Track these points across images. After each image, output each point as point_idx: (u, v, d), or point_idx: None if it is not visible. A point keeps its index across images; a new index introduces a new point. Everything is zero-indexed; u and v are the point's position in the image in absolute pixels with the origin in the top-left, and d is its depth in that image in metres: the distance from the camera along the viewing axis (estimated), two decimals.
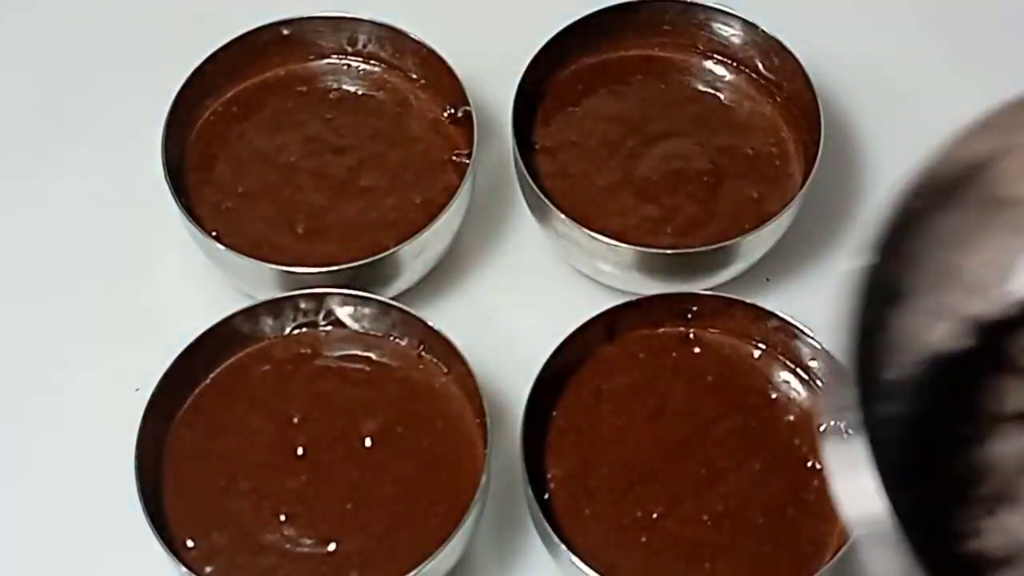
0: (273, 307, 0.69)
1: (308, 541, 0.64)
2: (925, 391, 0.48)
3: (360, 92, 0.77)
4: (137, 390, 0.68)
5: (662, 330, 0.70)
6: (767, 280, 0.76)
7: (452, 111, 0.76)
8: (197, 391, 0.68)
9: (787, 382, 0.69)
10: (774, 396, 0.69)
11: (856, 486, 0.43)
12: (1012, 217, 0.49)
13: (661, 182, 0.74)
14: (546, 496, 0.65)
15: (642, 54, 0.79)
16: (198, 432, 0.67)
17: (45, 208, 0.79)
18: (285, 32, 0.77)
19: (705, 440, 0.67)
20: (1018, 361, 0.49)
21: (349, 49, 0.78)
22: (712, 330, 0.70)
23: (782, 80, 0.77)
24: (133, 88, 0.82)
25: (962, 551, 0.46)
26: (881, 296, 0.46)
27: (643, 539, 0.64)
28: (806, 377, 0.69)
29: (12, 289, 0.77)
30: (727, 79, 0.78)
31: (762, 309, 0.69)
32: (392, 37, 0.77)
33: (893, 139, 0.80)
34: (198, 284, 0.76)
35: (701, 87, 0.78)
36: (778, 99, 0.77)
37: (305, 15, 0.77)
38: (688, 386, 0.68)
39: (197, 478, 0.66)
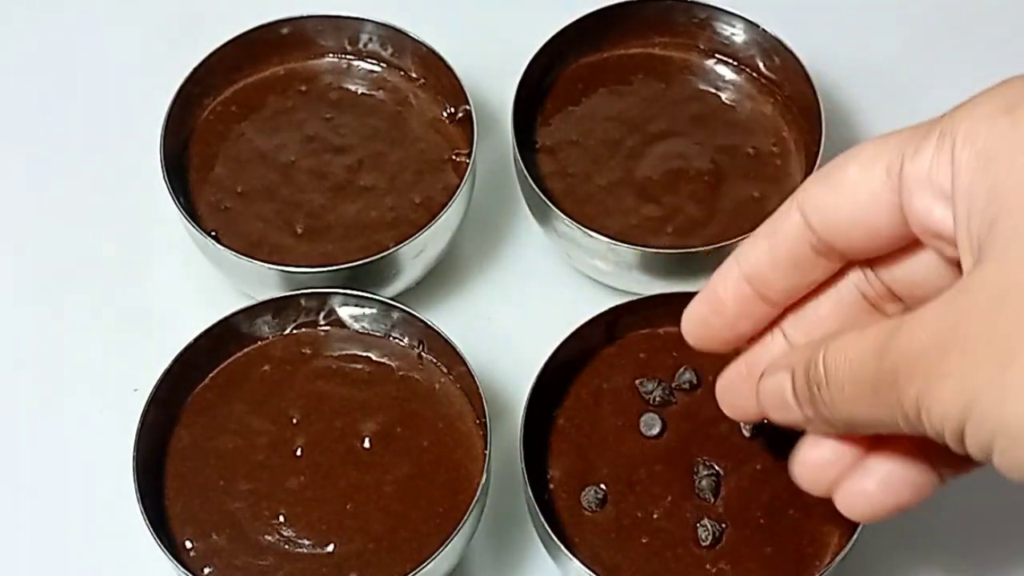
0: (273, 307, 0.69)
1: (307, 542, 0.64)
2: None
3: (360, 91, 0.77)
4: (136, 390, 0.68)
5: (662, 330, 0.70)
6: None
7: (452, 111, 0.76)
8: (196, 391, 0.68)
9: None
10: None
11: None
12: None
13: (662, 182, 0.74)
14: (546, 496, 0.65)
15: (643, 53, 0.78)
16: (197, 432, 0.67)
17: (43, 207, 0.79)
18: (285, 31, 0.77)
19: (705, 440, 0.66)
20: None
21: (349, 48, 0.78)
22: None
23: (783, 79, 0.76)
24: (132, 87, 0.82)
25: None
26: None
27: (643, 539, 0.64)
28: None
29: (10, 288, 0.77)
30: (728, 78, 0.78)
31: None
32: (392, 36, 0.77)
33: None
34: (197, 284, 0.76)
35: (702, 86, 0.78)
36: (779, 98, 0.77)
37: (305, 14, 0.77)
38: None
39: (196, 478, 0.66)
